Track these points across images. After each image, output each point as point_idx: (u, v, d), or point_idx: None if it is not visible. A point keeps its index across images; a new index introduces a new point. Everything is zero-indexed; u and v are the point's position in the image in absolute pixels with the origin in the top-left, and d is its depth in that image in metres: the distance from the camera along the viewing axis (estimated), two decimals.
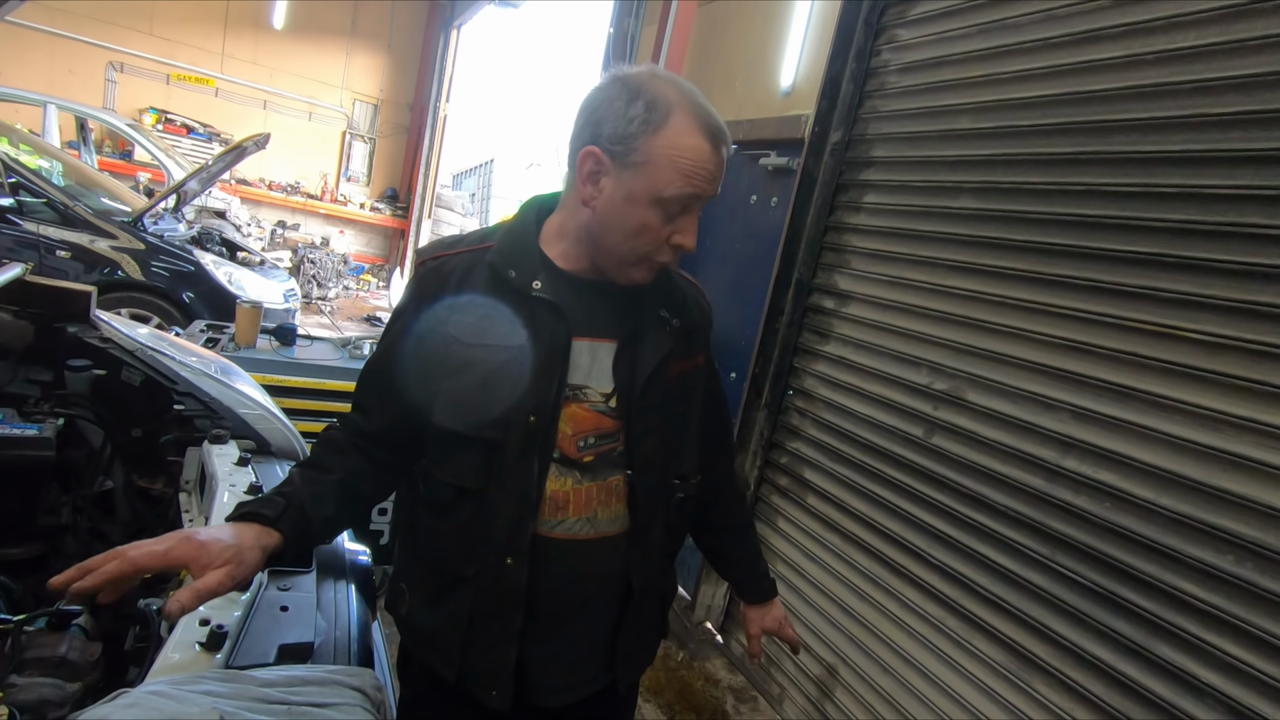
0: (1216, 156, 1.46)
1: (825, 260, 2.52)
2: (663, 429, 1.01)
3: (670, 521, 1.06)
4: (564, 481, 0.96)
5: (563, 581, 0.97)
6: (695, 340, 1.07)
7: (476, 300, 0.95)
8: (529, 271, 0.95)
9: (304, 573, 1.02)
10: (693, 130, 0.86)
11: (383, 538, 2.51)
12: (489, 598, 0.95)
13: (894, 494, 2.11)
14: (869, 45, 2.42)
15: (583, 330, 0.96)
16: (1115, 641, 1.53)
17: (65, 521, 1.25)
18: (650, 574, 1.04)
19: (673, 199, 0.87)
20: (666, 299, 1.02)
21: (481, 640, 0.97)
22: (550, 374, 0.93)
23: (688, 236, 0.91)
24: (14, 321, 1.35)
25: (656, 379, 0.98)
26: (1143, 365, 1.55)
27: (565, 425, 0.95)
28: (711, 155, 0.87)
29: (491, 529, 0.94)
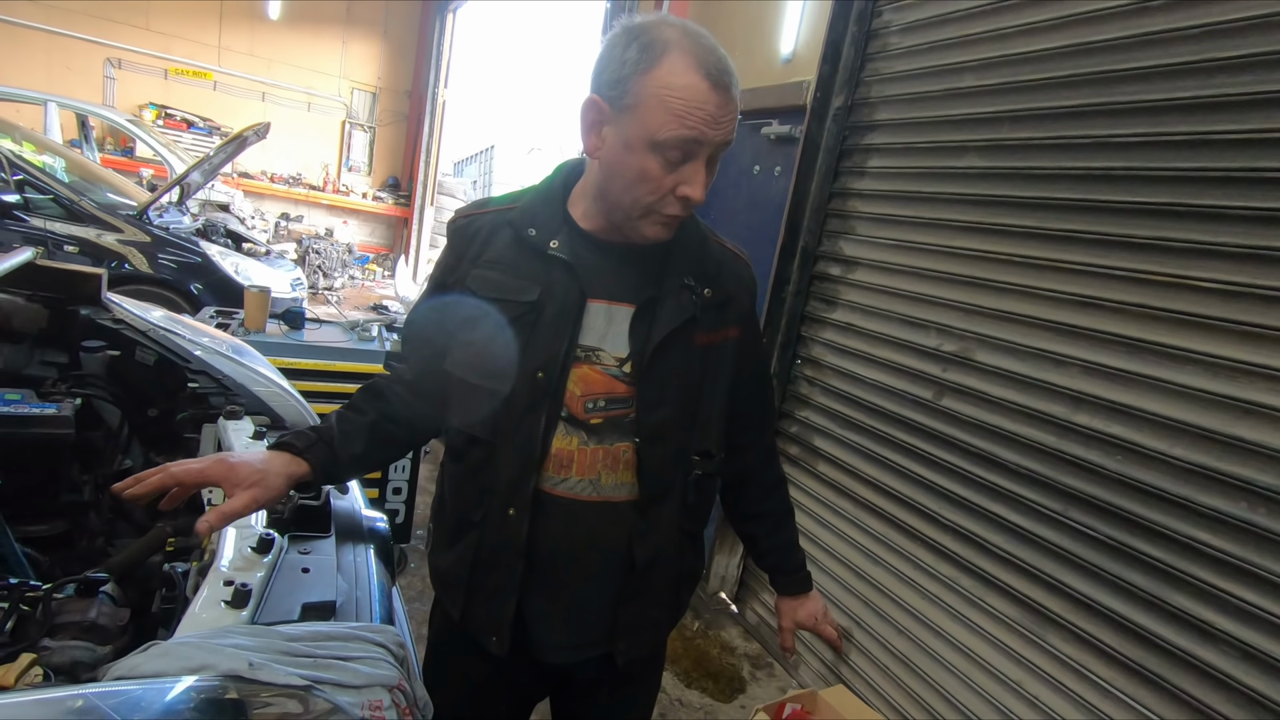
0: (1227, 101, 1.44)
1: (830, 227, 2.51)
2: (680, 400, 0.99)
3: (688, 500, 1.03)
4: (570, 440, 0.96)
5: (563, 540, 0.98)
6: (728, 312, 1.02)
7: (496, 257, 0.97)
8: (549, 231, 0.96)
9: (323, 537, 1.04)
10: (687, 69, 0.81)
11: (398, 516, 2.54)
12: (492, 545, 0.98)
13: (905, 457, 2.11)
14: (870, 7, 2.39)
15: (600, 292, 0.95)
16: (1129, 593, 1.54)
17: (87, 499, 1.28)
18: (660, 549, 1.01)
19: (668, 142, 0.83)
20: (696, 266, 0.99)
21: (485, 585, 0.99)
22: (560, 332, 0.93)
23: (694, 187, 0.85)
24: (27, 305, 1.36)
25: (673, 347, 0.96)
26: (1153, 317, 1.54)
27: (574, 385, 0.95)
28: (709, 94, 0.82)
29: (497, 479, 0.96)
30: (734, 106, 0.85)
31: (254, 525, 0.97)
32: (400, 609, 1.06)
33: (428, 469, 3.64)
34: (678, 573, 1.08)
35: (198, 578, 0.89)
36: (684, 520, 1.04)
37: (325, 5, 9.34)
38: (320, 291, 7.74)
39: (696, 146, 0.84)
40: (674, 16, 0.88)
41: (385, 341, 2.49)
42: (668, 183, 0.86)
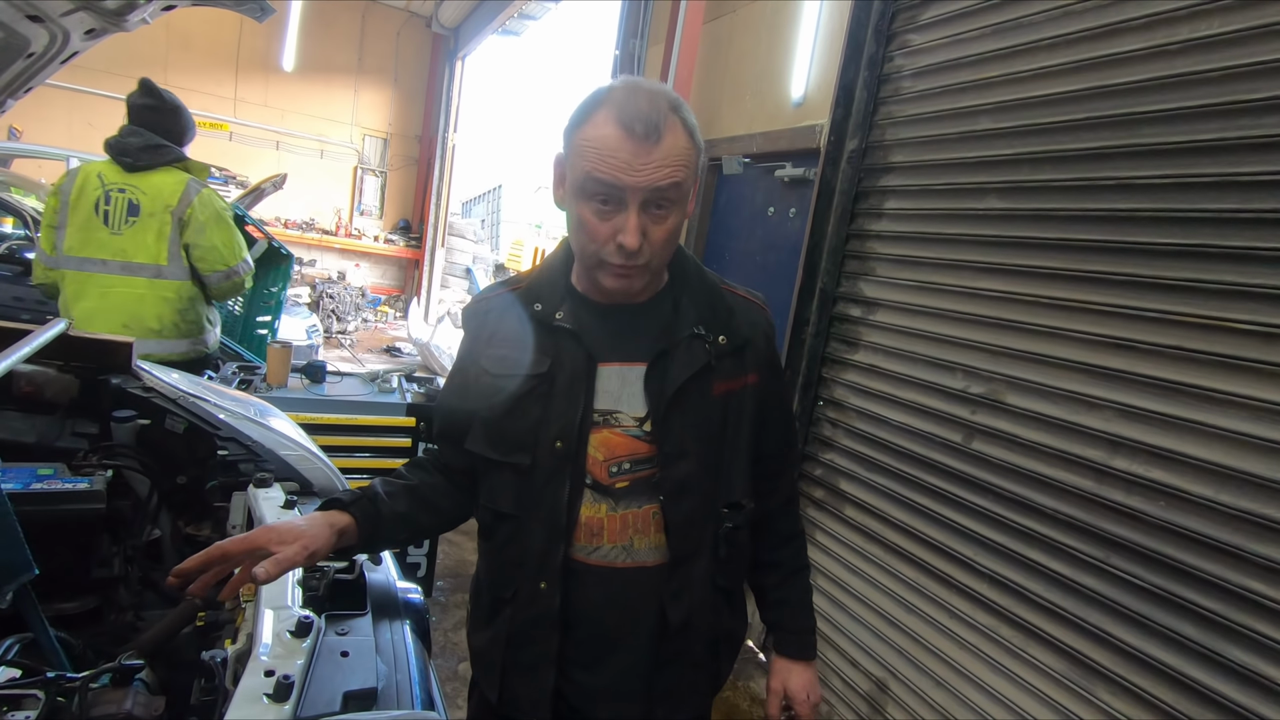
0: (1252, 143, 1.43)
1: (849, 268, 2.51)
2: (702, 452, 0.98)
3: (719, 554, 1.01)
4: (598, 508, 0.96)
5: (600, 609, 0.98)
6: (745, 358, 1.02)
7: (507, 334, 1.01)
8: (553, 303, 0.99)
9: (360, 615, 1.01)
10: (605, 121, 0.85)
11: (420, 570, 2.51)
12: (525, 620, 0.99)
13: (935, 501, 2.07)
14: (881, 52, 2.42)
15: (611, 355, 0.97)
16: (1181, 645, 1.48)
17: (117, 573, 1.26)
18: (694, 610, 1.00)
19: (588, 188, 0.87)
20: (707, 315, 1.00)
21: (521, 662, 1.00)
22: (574, 400, 0.95)
23: (626, 234, 0.86)
24: (59, 376, 1.37)
25: (689, 397, 0.96)
26: (1189, 359, 1.51)
27: (596, 451, 0.96)
28: (622, 142, 0.84)
29: (526, 552, 0.97)
30: (658, 155, 0.85)
31: (291, 607, 0.95)
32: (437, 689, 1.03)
33: None
34: (714, 633, 1.05)
35: (236, 665, 0.87)
36: (716, 575, 1.02)
37: (337, 55, 9.61)
38: (334, 335, 7.79)
39: (618, 192, 0.86)
40: (647, 80, 0.92)
41: (406, 393, 2.48)
42: (604, 230, 0.88)
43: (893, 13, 2.40)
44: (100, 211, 2.26)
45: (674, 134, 0.86)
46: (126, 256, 2.29)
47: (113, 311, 2.27)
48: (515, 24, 8.99)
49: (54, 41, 1.05)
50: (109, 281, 2.28)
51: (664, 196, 0.87)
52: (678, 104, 0.89)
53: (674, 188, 0.87)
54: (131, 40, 8.13)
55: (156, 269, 2.32)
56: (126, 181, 2.30)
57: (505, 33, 9.14)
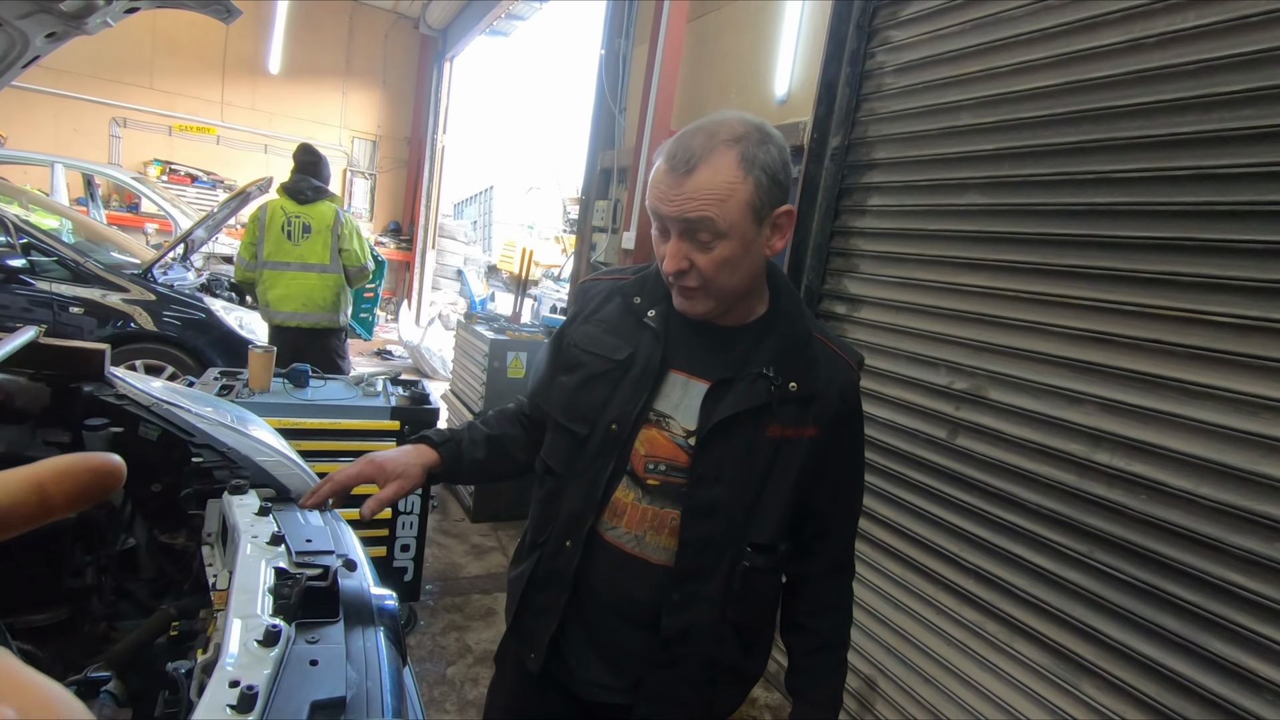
0: (1229, 136, 1.43)
1: (833, 266, 2.51)
2: (738, 484, 0.99)
3: (733, 586, 1.02)
4: (628, 494, 1.04)
5: (604, 580, 1.06)
6: (810, 409, 1.00)
7: (604, 317, 1.10)
8: (650, 301, 1.06)
9: (331, 623, 1.00)
10: (661, 152, 0.94)
11: (406, 574, 2.49)
12: (546, 569, 1.09)
13: (921, 498, 2.07)
14: (862, 48, 2.42)
15: (682, 365, 1.04)
16: (1163, 638, 1.48)
17: (90, 583, 1.24)
18: (694, 628, 1.02)
19: (650, 212, 0.96)
20: (783, 359, 1.00)
21: (535, 601, 1.11)
22: (639, 392, 1.02)
23: (668, 259, 0.94)
24: (30, 384, 1.35)
25: (738, 430, 0.98)
26: (1168, 352, 1.51)
27: (640, 445, 1.03)
28: (662, 175, 0.92)
29: (561, 510, 1.07)
30: (688, 188, 0.89)
31: (260, 615, 0.93)
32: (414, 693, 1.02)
33: (435, 520, 3.60)
34: (714, 660, 1.05)
35: (202, 676, 0.85)
36: (728, 607, 1.03)
37: (324, 58, 9.55)
38: None
39: (662, 220, 0.94)
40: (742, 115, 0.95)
41: (390, 396, 2.47)
42: (661, 253, 0.97)
43: (874, 9, 2.40)
44: (285, 231, 3.59)
45: (711, 168, 0.88)
46: (304, 260, 3.62)
47: (295, 295, 3.62)
48: (503, 24, 8.96)
49: (13, 45, 1.03)
50: (293, 276, 3.61)
51: (701, 229, 0.90)
52: (742, 138, 0.89)
53: (708, 221, 0.89)
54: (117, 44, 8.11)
55: (323, 267, 3.65)
56: (300, 211, 3.62)
57: (494, 33, 9.11)
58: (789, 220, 0.96)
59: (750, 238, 0.92)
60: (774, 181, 0.91)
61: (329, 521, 1.35)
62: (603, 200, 4.29)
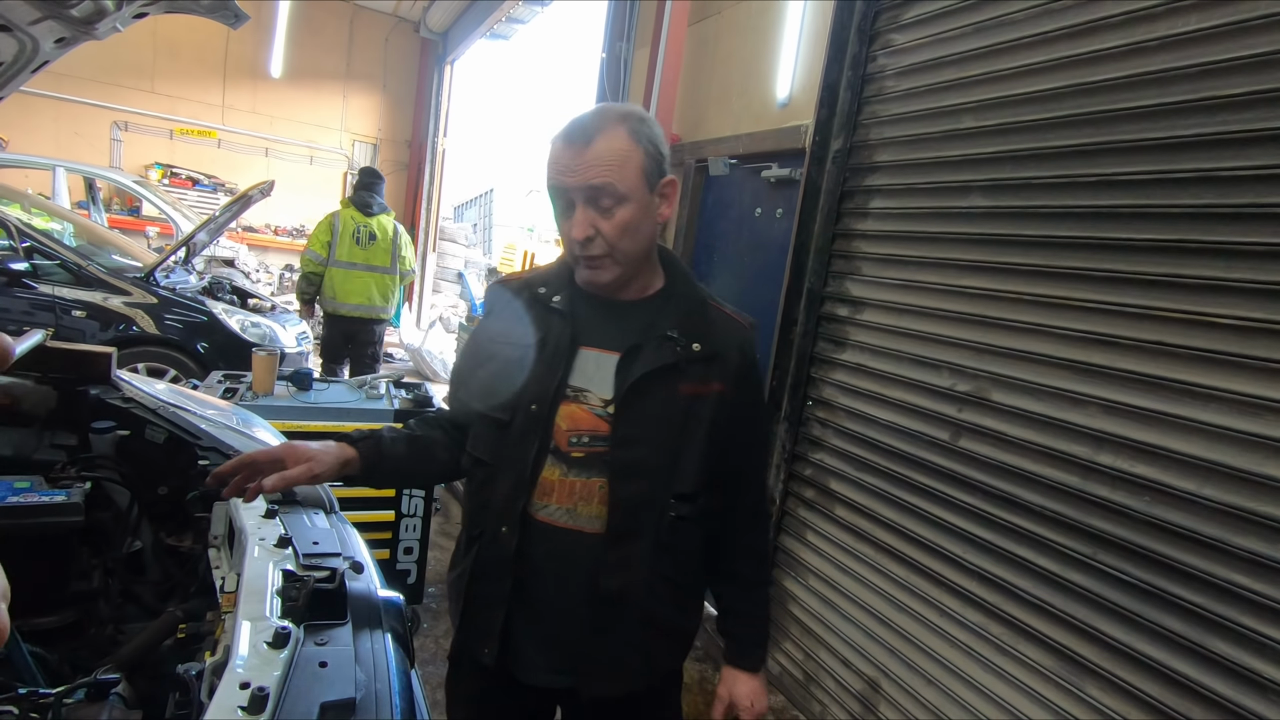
0: (1231, 138, 1.44)
1: (835, 268, 2.51)
2: (657, 442, 1.07)
3: (661, 540, 1.08)
4: (554, 471, 1.08)
5: (543, 562, 1.09)
6: (714, 367, 1.10)
7: (514, 312, 1.15)
8: (555, 289, 1.13)
9: (340, 624, 1.01)
10: (555, 140, 1.01)
11: (410, 576, 2.50)
12: (486, 559, 1.11)
13: (924, 500, 2.08)
14: (864, 52, 2.42)
15: (592, 341, 1.10)
16: (1168, 640, 1.49)
17: (97, 586, 1.25)
18: (630, 586, 1.07)
19: (551, 196, 1.04)
20: (685, 323, 1.10)
21: (479, 596, 1.13)
22: (553, 372, 1.08)
23: (575, 228, 1.01)
24: (37, 388, 1.36)
25: (652, 390, 1.06)
26: (1171, 354, 1.52)
27: (562, 420, 1.08)
28: (561, 150, 1.00)
29: (494, 498, 1.10)
30: (589, 156, 0.98)
31: (269, 617, 0.94)
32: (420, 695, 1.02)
33: (438, 522, 3.60)
34: (650, 614, 1.11)
35: (212, 678, 0.86)
36: (660, 561, 1.09)
37: (325, 61, 9.58)
38: None
39: (564, 194, 1.01)
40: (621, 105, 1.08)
41: (394, 400, 2.47)
42: (566, 228, 1.03)
43: (875, 12, 2.40)
44: (355, 237, 4.42)
45: (608, 138, 0.99)
46: (369, 262, 4.48)
47: (360, 291, 4.45)
48: (504, 28, 8.98)
49: (23, 50, 1.04)
50: (359, 274, 4.44)
51: (604, 194, 0.99)
52: (628, 115, 1.02)
53: (609, 186, 0.98)
54: (119, 49, 8.12)
55: (384, 269, 4.52)
56: (365, 221, 4.48)
57: (494, 36, 9.13)
58: (674, 190, 1.09)
59: (646, 202, 1.03)
60: (658, 152, 1.04)
61: (335, 524, 1.36)
62: None
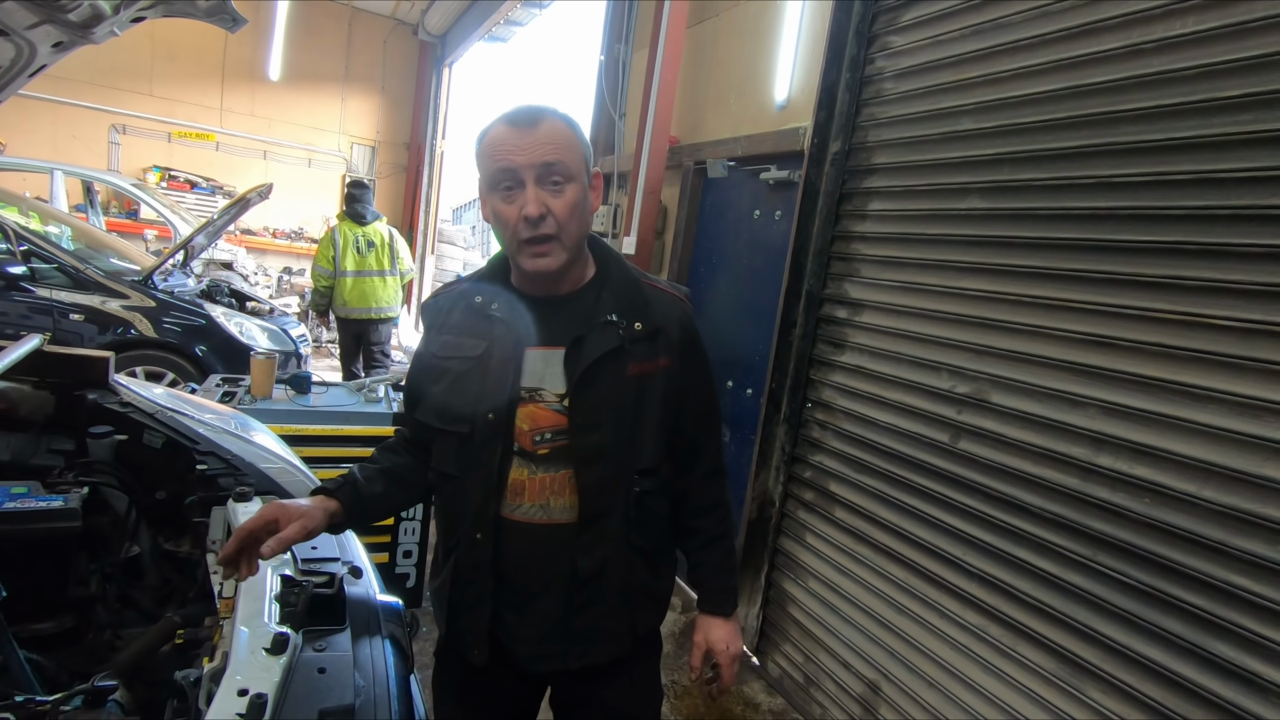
0: (1229, 140, 1.44)
1: (834, 270, 2.51)
2: (614, 424, 1.10)
3: (630, 515, 1.13)
4: (522, 471, 1.10)
5: (522, 559, 1.11)
6: (658, 343, 1.13)
7: (454, 324, 1.17)
8: (491, 295, 1.14)
9: (339, 630, 1.00)
10: (497, 125, 1.04)
11: (409, 580, 2.49)
12: (465, 565, 1.14)
13: (924, 502, 2.07)
14: (862, 54, 2.43)
15: (536, 340, 1.11)
16: (1168, 642, 1.48)
17: (95, 591, 1.24)
18: (606, 560, 1.12)
19: (492, 179, 1.03)
20: (623, 304, 1.12)
21: (463, 602, 1.15)
22: (503, 378, 1.09)
23: (528, 205, 1.01)
24: (34, 392, 1.35)
25: (601, 376, 1.08)
26: (1170, 355, 1.52)
27: (523, 422, 1.09)
28: (508, 132, 1.02)
29: (466, 507, 1.12)
30: (540, 136, 1.01)
31: (267, 623, 0.94)
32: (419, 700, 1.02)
33: None
34: (627, 585, 1.16)
35: (210, 685, 0.85)
36: (630, 535, 1.14)
37: (323, 64, 9.57)
38: (324, 345, 7.75)
39: (513, 175, 1.02)
40: None
41: (393, 402, 2.47)
42: (512, 211, 1.03)
43: (873, 15, 2.40)
44: (355, 247, 4.83)
45: (551, 122, 1.03)
46: (371, 267, 4.89)
47: (367, 295, 4.89)
48: (502, 30, 8.99)
49: (20, 55, 1.04)
50: (363, 280, 4.88)
51: (554, 171, 1.02)
52: (561, 111, 1.06)
53: (560, 163, 1.02)
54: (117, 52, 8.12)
55: (384, 272, 4.96)
56: (362, 231, 4.87)
57: (492, 39, 9.13)
58: (601, 182, 1.15)
59: (585, 186, 1.08)
60: (588, 147, 1.09)
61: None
62: (603, 205, 4.29)
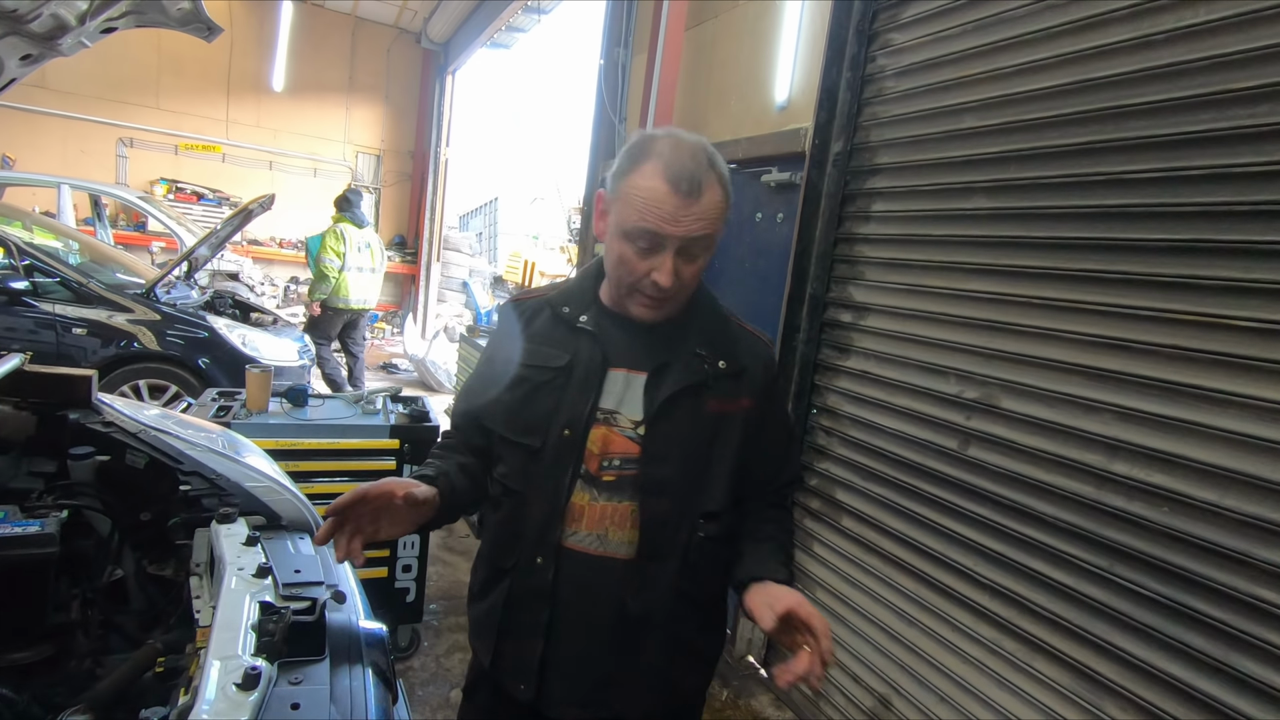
0: (1245, 133, 1.38)
1: (838, 273, 2.46)
2: (685, 460, 1.05)
3: (689, 559, 1.06)
4: (584, 496, 1.05)
5: (575, 590, 1.06)
6: (741, 383, 1.09)
7: (536, 332, 1.12)
8: (580, 308, 1.10)
9: (316, 661, 0.96)
10: (654, 174, 0.95)
11: (409, 595, 2.45)
12: (521, 590, 1.08)
13: (933, 510, 2.01)
14: (863, 52, 2.38)
15: (620, 361, 1.07)
16: (1190, 657, 1.42)
17: (75, 618, 1.21)
18: (655, 607, 1.06)
19: (632, 232, 0.97)
20: (711, 340, 1.09)
21: (514, 629, 1.09)
22: (585, 395, 1.05)
23: (661, 274, 0.97)
24: (14, 413, 1.32)
25: (680, 408, 1.04)
26: (1188, 358, 1.46)
27: (593, 444, 1.05)
28: (668, 197, 0.94)
29: (526, 527, 1.07)
30: (698, 210, 0.95)
31: (240, 655, 0.89)
32: None
33: (439, 537, 3.56)
34: (674, 635, 1.08)
35: None
36: (685, 581, 1.07)
37: (328, 74, 9.61)
38: None
39: (658, 239, 0.96)
40: (684, 132, 1.02)
41: (390, 414, 2.43)
42: (642, 268, 0.99)
43: (873, 12, 2.36)
44: (356, 247, 5.43)
45: (712, 190, 0.97)
46: (366, 265, 5.50)
47: (365, 288, 5.54)
48: (504, 36, 9.00)
49: None
50: (363, 276, 5.50)
51: (698, 244, 0.98)
52: (714, 157, 0.99)
53: (707, 238, 0.99)
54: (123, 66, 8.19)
55: (374, 270, 5.60)
56: (361, 234, 5.49)
57: (495, 45, 9.14)
58: None
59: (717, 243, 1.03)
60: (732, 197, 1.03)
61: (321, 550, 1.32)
62: None
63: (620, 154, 1.02)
